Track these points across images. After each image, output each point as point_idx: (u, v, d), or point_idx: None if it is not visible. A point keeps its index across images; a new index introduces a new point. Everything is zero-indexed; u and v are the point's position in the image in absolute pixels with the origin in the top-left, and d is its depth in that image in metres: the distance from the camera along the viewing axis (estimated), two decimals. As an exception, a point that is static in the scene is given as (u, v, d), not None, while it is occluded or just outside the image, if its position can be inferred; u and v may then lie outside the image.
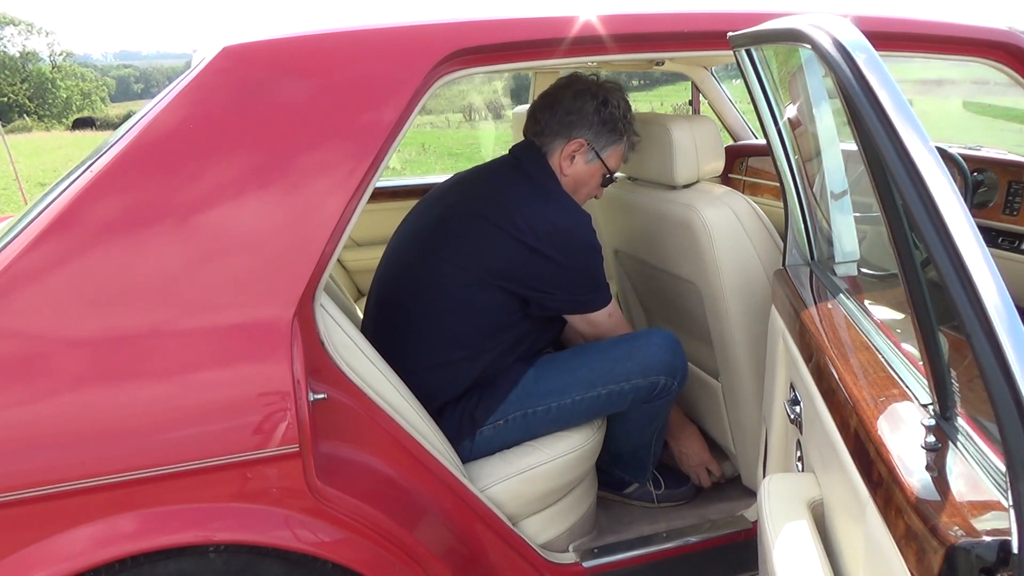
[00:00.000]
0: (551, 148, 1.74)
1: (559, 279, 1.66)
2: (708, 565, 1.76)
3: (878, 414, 0.90)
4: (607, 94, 1.74)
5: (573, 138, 1.72)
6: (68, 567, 1.12)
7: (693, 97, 3.42)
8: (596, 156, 1.75)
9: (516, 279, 1.64)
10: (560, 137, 1.73)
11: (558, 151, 1.73)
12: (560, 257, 1.63)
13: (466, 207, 1.69)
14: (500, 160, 1.83)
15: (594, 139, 1.73)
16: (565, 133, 1.72)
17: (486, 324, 1.67)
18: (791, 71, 1.52)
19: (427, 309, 1.67)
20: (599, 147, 1.74)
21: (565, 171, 1.74)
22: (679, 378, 1.74)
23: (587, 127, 1.72)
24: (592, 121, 1.72)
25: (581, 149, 1.73)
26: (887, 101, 0.78)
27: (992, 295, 0.63)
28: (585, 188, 1.79)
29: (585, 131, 1.72)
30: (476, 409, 1.67)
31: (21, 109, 41.09)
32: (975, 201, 2.20)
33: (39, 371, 1.14)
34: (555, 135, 1.73)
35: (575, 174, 1.75)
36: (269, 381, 1.20)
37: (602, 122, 1.73)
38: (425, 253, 1.70)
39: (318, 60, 1.30)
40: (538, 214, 1.62)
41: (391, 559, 1.31)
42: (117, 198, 1.20)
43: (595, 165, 1.76)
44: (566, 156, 1.73)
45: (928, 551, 0.69)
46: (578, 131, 1.72)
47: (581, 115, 1.72)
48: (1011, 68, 1.61)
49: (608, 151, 1.76)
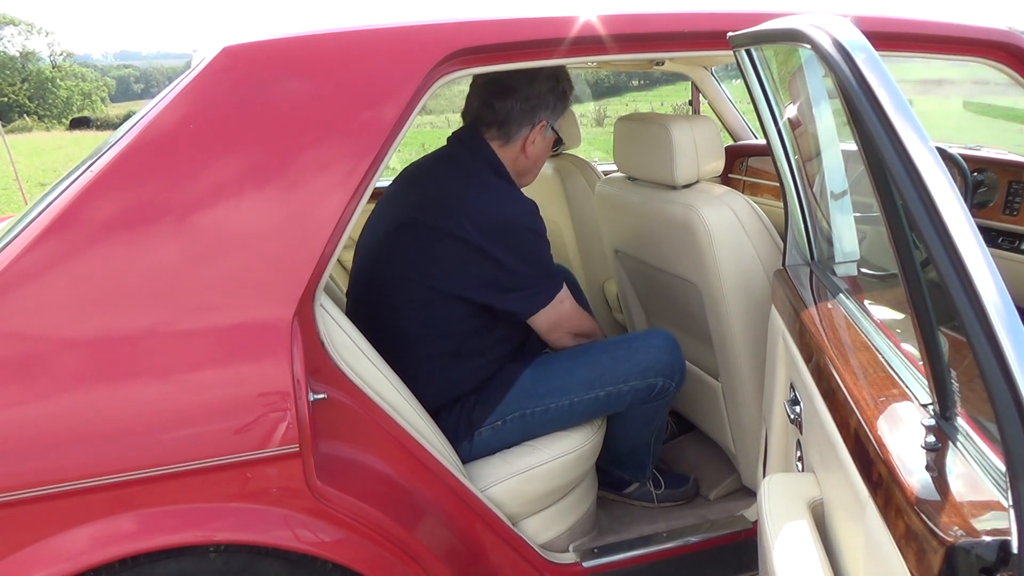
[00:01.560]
0: (514, 136, 1.71)
1: (510, 276, 1.63)
2: (708, 565, 1.76)
3: (878, 414, 0.90)
4: (556, 71, 1.73)
5: (536, 123, 1.71)
6: (68, 567, 1.12)
7: (693, 97, 3.42)
8: (552, 130, 1.76)
9: (469, 285, 1.61)
10: (524, 125, 1.70)
11: (522, 138, 1.71)
12: (506, 253, 1.60)
13: (408, 217, 1.65)
14: (440, 153, 1.79)
15: (551, 116, 1.74)
16: (528, 120, 1.70)
17: (456, 333, 1.65)
18: (791, 71, 1.52)
19: (395, 320, 1.65)
20: (554, 121, 1.75)
21: (529, 155, 1.73)
22: (677, 379, 1.74)
23: (546, 108, 1.72)
24: (549, 101, 1.72)
25: (543, 129, 1.73)
26: (887, 101, 0.78)
27: (992, 295, 0.63)
28: (541, 160, 1.80)
29: (545, 112, 1.72)
30: (473, 411, 1.66)
31: (21, 109, 41.08)
32: (975, 201, 2.20)
33: (40, 371, 1.14)
34: (519, 124, 1.70)
35: (536, 154, 1.75)
36: (269, 381, 1.20)
37: (556, 98, 1.73)
38: (381, 264, 1.68)
39: (318, 60, 1.30)
40: (479, 209, 1.60)
41: (391, 559, 1.31)
42: (117, 198, 1.20)
43: (550, 137, 1.77)
44: (530, 141, 1.72)
45: (928, 551, 0.69)
46: (540, 114, 1.71)
47: (540, 98, 1.70)
48: (1011, 68, 1.61)
49: (559, 121, 1.78)
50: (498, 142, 1.72)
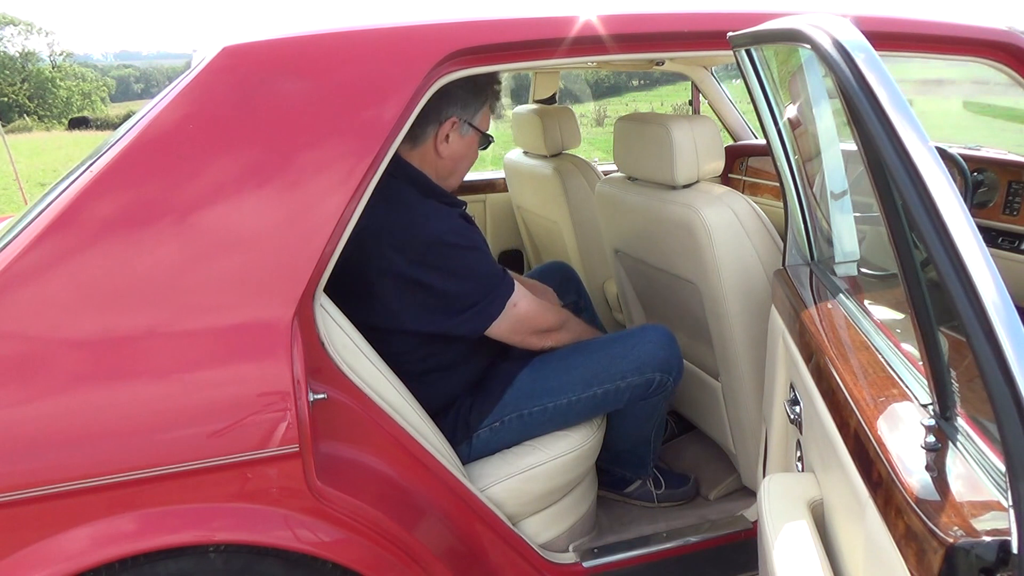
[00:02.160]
0: (421, 138, 1.61)
1: (452, 299, 1.56)
2: (708, 565, 1.76)
3: (878, 414, 0.90)
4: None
5: (444, 120, 1.61)
6: (68, 567, 1.12)
7: (693, 97, 3.42)
8: (470, 127, 1.65)
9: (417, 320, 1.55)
10: (430, 124, 1.60)
11: (431, 138, 1.61)
12: (440, 277, 1.53)
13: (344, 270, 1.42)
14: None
15: (463, 112, 1.63)
16: (434, 118, 1.59)
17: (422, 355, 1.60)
18: (791, 71, 1.52)
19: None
20: (470, 117, 1.64)
21: (443, 154, 1.63)
22: (675, 374, 1.74)
23: (454, 103, 1.60)
24: (457, 95, 1.59)
25: (454, 127, 1.62)
26: (887, 101, 0.78)
27: (992, 295, 0.63)
28: (465, 161, 1.69)
29: (453, 108, 1.61)
30: (470, 414, 1.66)
31: (21, 109, 41.08)
32: (975, 201, 2.20)
33: (40, 371, 1.14)
34: (423, 124, 1.59)
35: (453, 153, 1.64)
36: (269, 381, 1.20)
37: (467, 92, 1.61)
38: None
39: (318, 60, 1.30)
40: (400, 237, 1.51)
41: (391, 559, 1.31)
42: (117, 198, 1.20)
43: (471, 136, 1.66)
44: (441, 139, 1.62)
45: (928, 551, 0.69)
46: (447, 111, 1.60)
47: (443, 95, 1.49)
48: (1011, 68, 1.61)
49: (478, 117, 1.67)
50: (407, 146, 1.61)
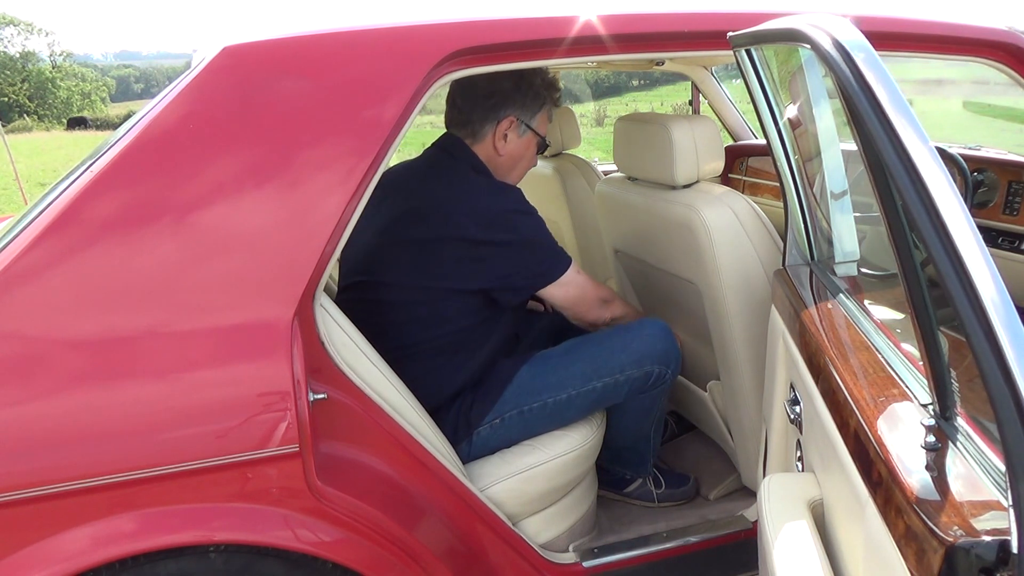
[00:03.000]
0: (481, 133, 1.73)
1: (515, 258, 1.66)
2: (708, 565, 1.76)
3: (878, 414, 0.90)
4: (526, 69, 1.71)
5: (502, 118, 1.72)
6: (68, 567, 1.12)
7: (693, 97, 3.42)
8: (527, 128, 1.76)
9: (474, 278, 1.63)
10: (488, 121, 1.72)
11: (490, 135, 1.73)
12: (508, 236, 1.63)
13: (396, 230, 1.65)
14: (424, 159, 1.80)
15: (521, 113, 1.74)
16: (492, 116, 1.72)
17: (454, 330, 1.66)
18: (791, 71, 1.52)
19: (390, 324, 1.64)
20: (528, 119, 1.75)
21: (501, 152, 1.74)
22: (673, 366, 1.75)
23: (512, 104, 1.72)
24: (514, 97, 1.72)
25: (512, 126, 1.73)
26: (886, 101, 0.78)
27: (992, 295, 0.63)
28: (523, 162, 1.81)
29: (511, 108, 1.72)
30: (471, 410, 1.66)
31: (21, 109, 41.08)
32: (975, 201, 2.20)
33: (40, 371, 1.14)
34: (483, 120, 1.72)
35: (511, 152, 1.76)
36: (269, 381, 1.20)
37: (524, 95, 1.73)
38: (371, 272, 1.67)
39: (318, 60, 1.30)
40: (474, 206, 1.62)
41: (391, 559, 1.31)
42: (118, 198, 1.20)
43: (528, 137, 1.77)
44: (499, 137, 1.73)
45: (928, 551, 0.69)
46: (505, 110, 1.72)
47: (502, 95, 1.71)
48: (1011, 68, 1.61)
49: (536, 120, 1.77)
50: (469, 140, 1.74)
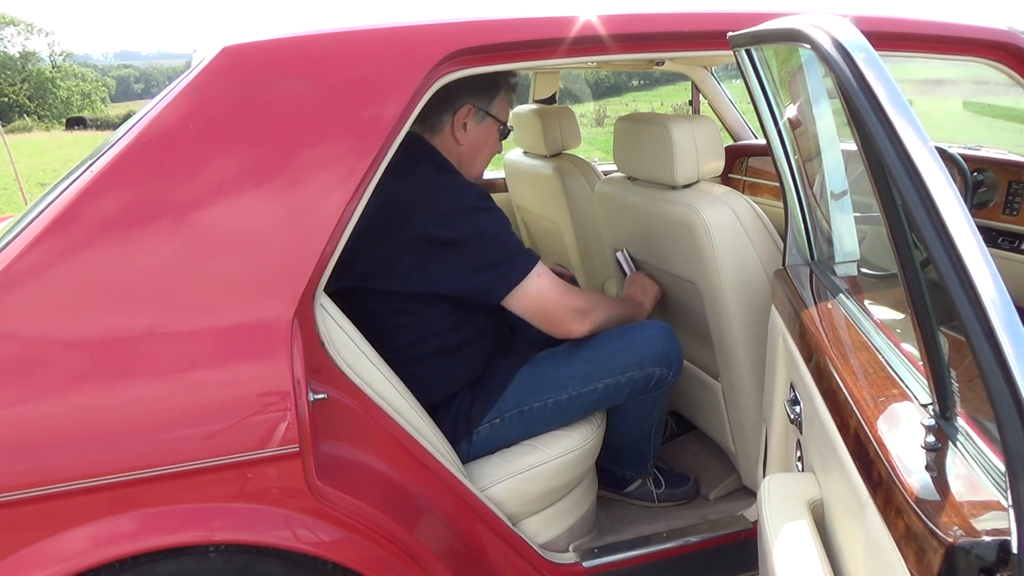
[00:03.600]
0: (439, 126, 1.70)
1: (474, 254, 1.58)
2: (708, 565, 1.76)
3: (878, 414, 0.90)
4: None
5: (458, 108, 1.69)
6: (68, 567, 1.12)
7: (693, 97, 3.42)
8: (486, 114, 1.73)
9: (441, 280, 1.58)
10: (445, 112, 1.69)
11: (448, 126, 1.70)
12: (465, 232, 1.57)
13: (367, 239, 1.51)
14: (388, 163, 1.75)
15: (477, 100, 1.71)
16: (448, 107, 1.68)
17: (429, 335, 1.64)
18: (791, 71, 1.52)
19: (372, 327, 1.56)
20: (485, 105, 1.72)
21: (461, 141, 1.72)
22: (674, 368, 1.74)
23: (466, 92, 1.68)
24: (470, 83, 1.62)
25: (470, 114, 1.70)
26: (886, 101, 0.78)
27: (992, 295, 0.63)
28: (486, 150, 1.78)
29: (466, 96, 1.69)
30: (471, 410, 1.66)
31: (21, 109, 41.09)
32: (975, 201, 2.20)
33: (40, 370, 1.14)
34: (439, 112, 1.68)
35: (471, 141, 1.73)
36: (269, 381, 1.20)
37: (478, 81, 1.65)
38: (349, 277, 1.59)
39: (318, 60, 1.30)
40: (430, 204, 1.58)
41: (391, 559, 1.31)
42: (117, 197, 1.20)
43: (488, 124, 1.74)
44: (458, 127, 1.70)
45: (928, 551, 0.69)
46: (460, 99, 1.68)
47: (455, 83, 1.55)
48: (1011, 68, 1.61)
49: (494, 105, 1.74)
50: (428, 135, 1.71)
